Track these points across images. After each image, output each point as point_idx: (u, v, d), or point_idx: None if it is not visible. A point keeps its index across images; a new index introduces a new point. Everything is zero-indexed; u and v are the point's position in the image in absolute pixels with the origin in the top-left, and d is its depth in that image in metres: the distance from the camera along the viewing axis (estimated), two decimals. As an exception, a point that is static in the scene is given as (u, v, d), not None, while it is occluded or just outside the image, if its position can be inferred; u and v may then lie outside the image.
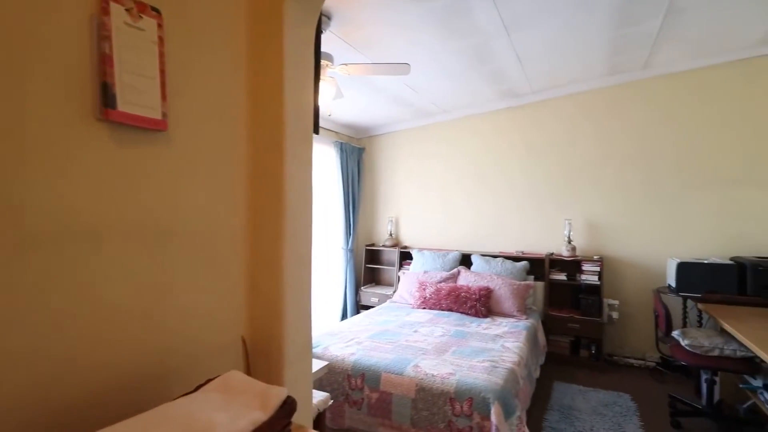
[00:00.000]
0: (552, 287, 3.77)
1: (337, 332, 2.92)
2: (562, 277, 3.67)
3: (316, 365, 1.55)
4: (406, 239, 4.92)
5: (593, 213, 3.76)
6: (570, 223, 3.74)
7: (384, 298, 4.42)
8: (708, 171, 3.28)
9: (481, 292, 3.47)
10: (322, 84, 2.36)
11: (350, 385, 2.33)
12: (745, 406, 2.62)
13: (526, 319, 3.28)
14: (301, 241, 1.19)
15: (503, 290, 3.48)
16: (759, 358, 2.06)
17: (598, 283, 3.45)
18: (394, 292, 4.30)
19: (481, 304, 3.41)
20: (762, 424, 2.41)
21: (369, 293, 4.75)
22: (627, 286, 3.60)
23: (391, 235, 4.91)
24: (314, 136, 1.28)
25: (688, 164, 3.35)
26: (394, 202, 5.03)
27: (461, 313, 3.46)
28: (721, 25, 2.70)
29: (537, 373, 2.90)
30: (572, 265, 3.66)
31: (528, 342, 2.85)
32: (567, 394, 2.98)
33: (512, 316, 3.35)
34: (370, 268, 5.05)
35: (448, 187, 4.63)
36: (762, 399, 2.22)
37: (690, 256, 3.20)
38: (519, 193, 4.17)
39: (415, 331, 2.95)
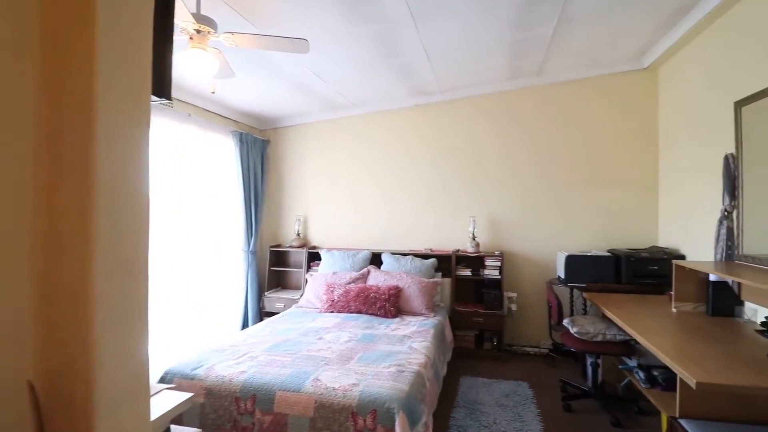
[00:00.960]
0: (458, 283, 3.83)
1: (228, 347, 2.53)
2: (468, 272, 3.75)
3: (176, 399, 1.21)
4: (315, 239, 4.64)
5: (495, 210, 3.92)
6: (474, 221, 3.84)
7: (291, 303, 4.09)
8: (591, 172, 3.62)
9: (391, 292, 3.36)
10: (202, 55, 1.98)
11: (239, 409, 1.99)
12: (622, 384, 2.90)
13: (434, 316, 3.25)
14: (130, 244, 0.86)
15: (412, 288, 3.42)
16: (634, 340, 2.25)
17: (499, 277, 3.59)
18: (301, 296, 3.99)
19: (390, 304, 3.30)
20: (636, 400, 2.67)
21: (274, 299, 4.36)
22: (524, 279, 3.81)
23: (298, 234, 4.58)
24: (189, 117, 0.95)
25: (575, 166, 3.66)
26: (302, 200, 4.71)
27: (371, 314, 3.31)
28: (603, 39, 2.96)
29: (444, 371, 2.87)
30: (476, 261, 3.76)
31: (435, 340, 2.79)
32: (472, 388, 3.01)
33: (421, 315, 3.30)
34: (276, 271, 4.65)
35: (360, 184, 4.47)
36: (637, 377, 2.45)
37: (576, 250, 3.48)
38: (430, 191, 4.18)
39: (320, 339, 2.70)
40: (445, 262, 3.86)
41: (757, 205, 2.19)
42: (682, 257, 2.98)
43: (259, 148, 4.61)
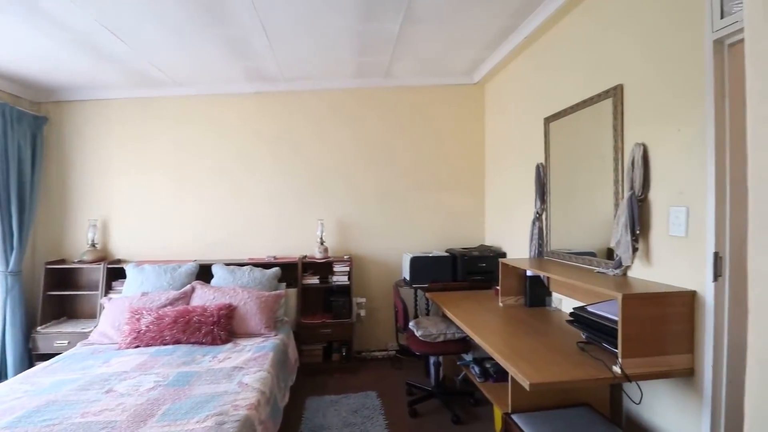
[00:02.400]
0: (305, 293, 3.49)
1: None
2: (315, 280, 3.44)
3: None
4: (120, 251, 3.61)
5: (344, 212, 3.73)
6: (323, 224, 3.56)
7: (82, 338, 3.02)
8: (432, 177, 3.77)
9: (222, 312, 2.78)
10: None
11: None
12: (459, 377, 3.04)
13: (276, 335, 2.82)
14: None
15: (249, 305, 2.90)
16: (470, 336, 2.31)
17: (348, 283, 3.40)
18: (95, 327, 2.99)
19: (220, 328, 2.71)
20: (472, 392, 2.81)
21: (53, 335, 3.19)
22: (372, 282, 3.72)
23: (94, 245, 3.47)
24: None
25: (418, 170, 3.76)
26: (101, 200, 3.61)
27: (193, 343, 2.66)
28: (443, 49, 3.04)
29: (285, 400, 2.48)
30: (325, 267, 3.49)
31: (275, 367, 2.38)
32: (319, 410, 2.70)
33: (259, 335, 2.82)
34: (58, 296, 3.43)
35: (185, 182, 3.67)
36: (473, 372, 2.55)
37: (420, 251, 3.57)
38: (273, 192, 3.71)
39: (108, 392, 1.96)
40: (290, 271, 3.46)
41: (558, 208, 2.54)
42: (504, 254, 3.33)
43: (27, 127, 3.33)
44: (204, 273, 3.33)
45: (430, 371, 3.01)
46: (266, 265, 3.38)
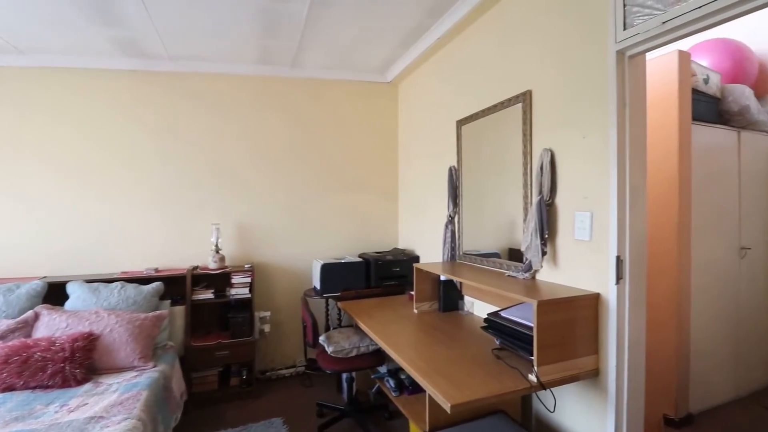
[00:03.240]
0: (196, 310, 2.98)
1: None
2: (209, 295, 2.96)
3: None
4: None
5: (245, 216, 3.30)
6: (218, 229, 3.09)
7: None
8: (345, 177, 3.55)
9: (78, 344, 2.18)
10: None
11: None
12: (373, 390, 2.87)
13: (154, 367, 2.31)
14: None
15: (118, 332, 2.34)
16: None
17: (249, 295, 3.00)
18: None
19: (75, 364, 2.12)
20: (386, 405, 2.66)
21: None
22: (278, 293, 3.37)
23: None
24: None
25: (330, 170, 3.51)
26: None
27: (34, 388, 2.03)
28: (356, 42, 2.84)
29: (166, 447, 2.02)
30: (221, 279, 3.03)
31: (150, 409, 1.92)
32: (212, 450, 2.29)
33: (131, 369, 2.28)
34: None
35: (31, 177, 2.87)
36: (387, 386, 2.40)
37: (332, 257, 3.32)
38: (155, 192, 3.11)
39: None
40: (177, 285, 2.92)
41: (470, 211, 2.53)
42: (417, 258, 3.27)
43: None
44: (56, 293, 2.62)
45: (343, 387, 2.79)
46: (145, 280, 2.80)
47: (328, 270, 2.99)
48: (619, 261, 1.53)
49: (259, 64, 3.24)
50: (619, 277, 1.53)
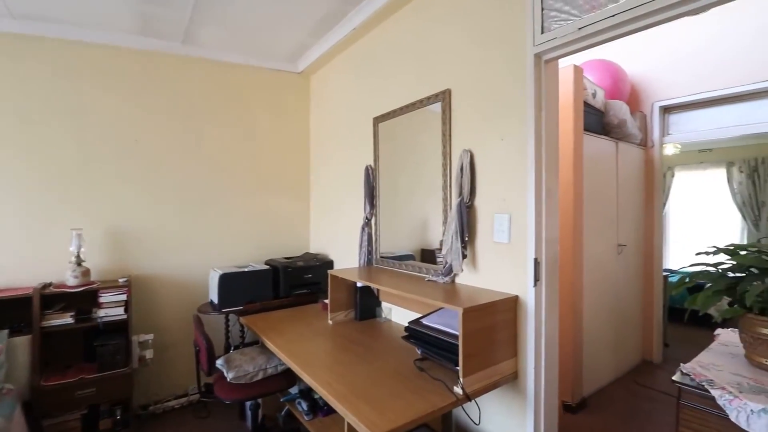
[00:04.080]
0: (49, 340, 2.33)
1: None
2: (68, 319, 2.34)
3: None
4: None
5: (119, 219, 2.71)
6: (80, 235, 2.47)
7: None
8: (250, 176, 3.16)
9: None
10: None
11: None
12: (282, 413, 2.57)
13: (-26, 425, 1.71)
14: None
15: None
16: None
17: (125, 316, 2.45)
18: None
19: None
20: (298, 428, 2.39)
21: None
22: (165, 310, 2.84)
23: None
24: None
25: (232, 167, 3.09)
26: None
27: None
28: (264, 23, 2.51)
29: None
30: (85, 298, 2.42)
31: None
32: None
33: (-64, 432, 1.65)
34: None
35: None
36: (299, 409, 2.14)
37: (234, 265, 2.92)
38: (-16, 185, 2.36)
39: None
40: (20, 309, 2.25)
41: (387, 212, 2.42)
42: (331, 263, 3.06)
43: None
44: None
45: (246, 414, 2.45)
46: (-35, 306, 2.09)
47: (227, 280, 2.60)
48: (537, 263, 1.53)
49: (141, 35, 2.70)
50: (537, 279, 1.54)
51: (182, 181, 2.91)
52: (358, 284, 2.35)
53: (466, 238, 1.75)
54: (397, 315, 2.29)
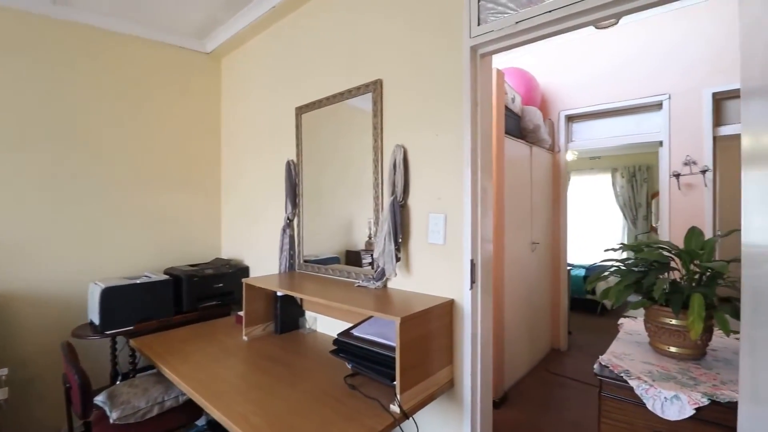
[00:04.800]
0: None
1: None
2: None
3: None
4: None
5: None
6: None
7: None
8: (143, 168, 2.66)
9: None
10: None
11: None
12: (186, 448, 2.19)
13: None
14: None
15: None
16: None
17: (-39, 350, 1.86)
18: None
19: None
20: (204, 467, 2.05)
21: None
22: (28, 336, 2.25)
23: None
24: None
25: (121, 158, 2.57)
26: None
27: None
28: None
29: None
30: None
31: None
32: None
33: None
34: None
35: None
36: (206, 444, 1.82)
37: (122, 276, 2.43)
38: None
39: None
40: None
41: (312, 212, 2.21)
42: (247, 269, 2.73)
43: None
44: None
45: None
46: None
47: (112, 295, 2.14)
48: (473, 264, 1.47)
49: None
50: (473, 281, 1.48)
51: (55, 174, 2.33)
52: (279, 293, 2.09)
53: (400, 240, 1.63)
54: (324, 325, 2.09)
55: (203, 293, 2.49)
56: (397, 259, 1.64)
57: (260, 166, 2.62)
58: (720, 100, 2.82)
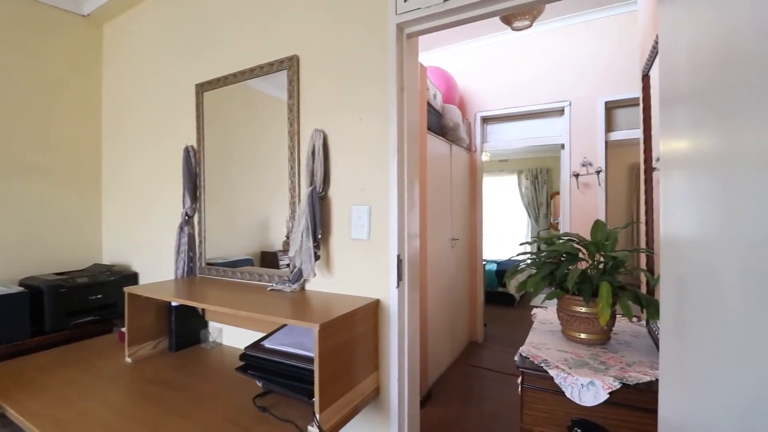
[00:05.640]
0: None
1: None
2: None
3: None
4: None
5: None
6: None
7: None
8: (5, 151, 2.07)
9: None
10: None
11: None
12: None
13: None
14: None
15: None
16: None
17: None
18: None
19: None
20: None
21: None
22: None
23: None
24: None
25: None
26: None
27: None
28: None
29: None
30: None
31: None
32: None
33: None
34: None
35: None
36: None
37: (-52, 290, 1.85)
38: None
39: None
40: None
41: (217, 207, 1.91)
42: (135, 276, 2.30)
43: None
44: None
45: None
46: None
47: (-67, 317, 1.60)
48: (400, 261, 1.36)
49: None
50: (400, 279, 1.37)
51: None
52: (173, 303, 1.76)
53: (319, 236, 1.46)
54: (231, 337, 1.82)
55: (76, 307, 2.02)
56: (317, 258, 1.46)
57: (152, 152, 2.21)
58: (610, 108, 3.15)
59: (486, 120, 3.75)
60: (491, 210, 6.64)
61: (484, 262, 4.09)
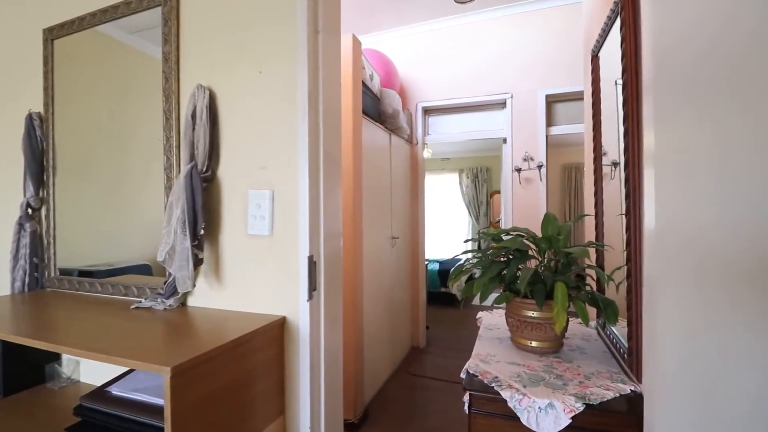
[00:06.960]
0: None
1: None
2: None
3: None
4: None
5: None
6: None
7: None
8: None
9: None
10: None
11: None
12: None
13: None
14: None
15: None
16: None
17: None
18: None
19: None
20: None
21: None
22: None
23: None
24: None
25: None
26: None
27: None
28: None
29: None
30: None
31: None
32: None
33: None
34: None
35: None
36: None
37: None
38: None
39: None
40: None
41: (76, 193, 1.41)
42: (-35, 291, 1.69)
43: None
44: None
45: None
46: None
47: None
48: (313, 263, 1.01)
49: None
50: (313, 288, 1.01)
51: None
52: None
53: (201, 231, 1.05)
54: (91, 372, 1.34)
55: None
56: (198, 262, 1.06)
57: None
58: (551, 102, 3.07)
59: (428, 111, 3.52)
60: (433, 208, 6.51)
61: (426, 262, 3.87)
